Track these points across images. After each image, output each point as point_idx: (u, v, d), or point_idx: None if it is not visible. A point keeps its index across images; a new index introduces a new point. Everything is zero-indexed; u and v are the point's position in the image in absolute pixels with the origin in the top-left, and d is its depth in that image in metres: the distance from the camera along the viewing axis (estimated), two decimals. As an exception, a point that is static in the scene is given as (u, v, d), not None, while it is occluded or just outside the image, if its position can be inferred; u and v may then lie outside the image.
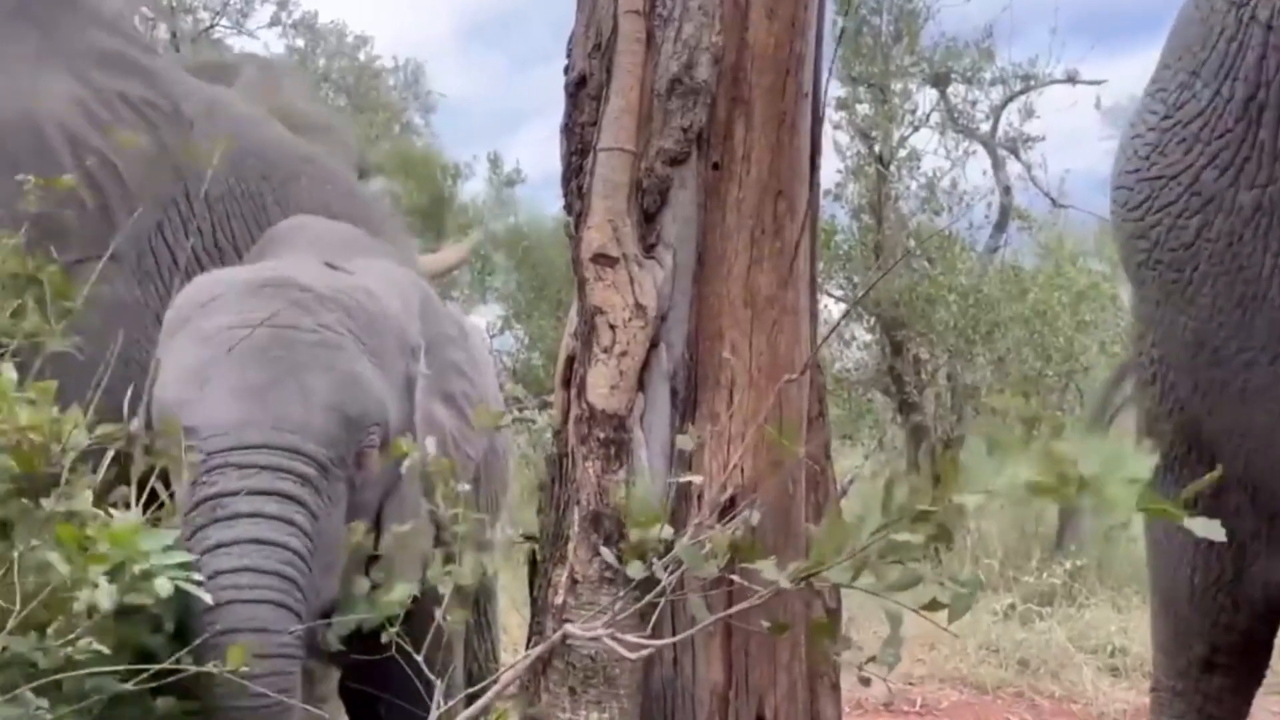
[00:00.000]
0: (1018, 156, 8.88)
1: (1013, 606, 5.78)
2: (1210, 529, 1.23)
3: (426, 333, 2.55)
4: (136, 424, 2.02)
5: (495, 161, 13.03)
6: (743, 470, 2.11)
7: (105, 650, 1.61)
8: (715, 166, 2.14)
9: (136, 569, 1.57)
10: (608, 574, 2.02)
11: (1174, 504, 1.21)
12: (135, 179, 2.89)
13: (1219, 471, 1.52)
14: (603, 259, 2.10)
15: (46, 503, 1.65)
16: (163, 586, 1.61)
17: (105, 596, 1.57)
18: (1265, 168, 2.55)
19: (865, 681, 1.57)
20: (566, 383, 2.22)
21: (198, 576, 1.75)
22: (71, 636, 1.59)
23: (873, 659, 1.56)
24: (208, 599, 1.77)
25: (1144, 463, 1.22)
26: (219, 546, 1.91)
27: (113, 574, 1.60)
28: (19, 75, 2.78)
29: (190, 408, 2.06)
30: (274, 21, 13.88)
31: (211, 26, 13.78)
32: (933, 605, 1.52)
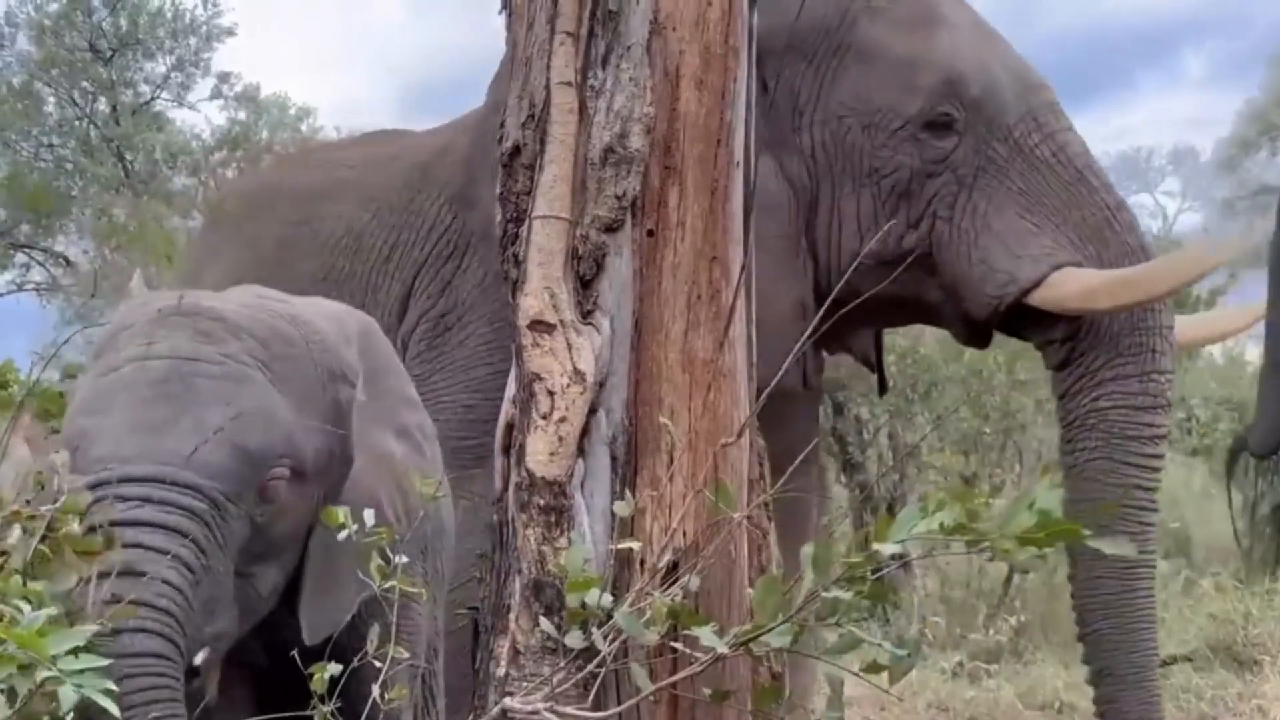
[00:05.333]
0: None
1: (961, 664, 5.78)
2: (1119, 546, 1.26)
3: (369, 362, 2.52)
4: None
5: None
6: (684, 534, 2.10)
7: None
8: (650, 233, 2.16)
9: (40, 676, 1.48)
10: (550, 644, 2.00)
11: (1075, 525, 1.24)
12: None
13: None
14: (540, 326, 2.11)
15: None
16: (67, 697, 1.50)
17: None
18: None
19: (810, 745, 1.56)
20: (506, 449, 2.21)
21: (110, 685, 1.66)
22: None
23: (816, 723, 1.56)
24: (116, 712, 1.66)
25: (1052, 496, 1.25)
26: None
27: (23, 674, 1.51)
28: None
29: (87, 440, 2.03)
30: (215, 94, 13.88)
31: (153, 99, 13.74)
32: (873, 668, 1.52)
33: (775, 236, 3.49)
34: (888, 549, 1.44)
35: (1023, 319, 3.43)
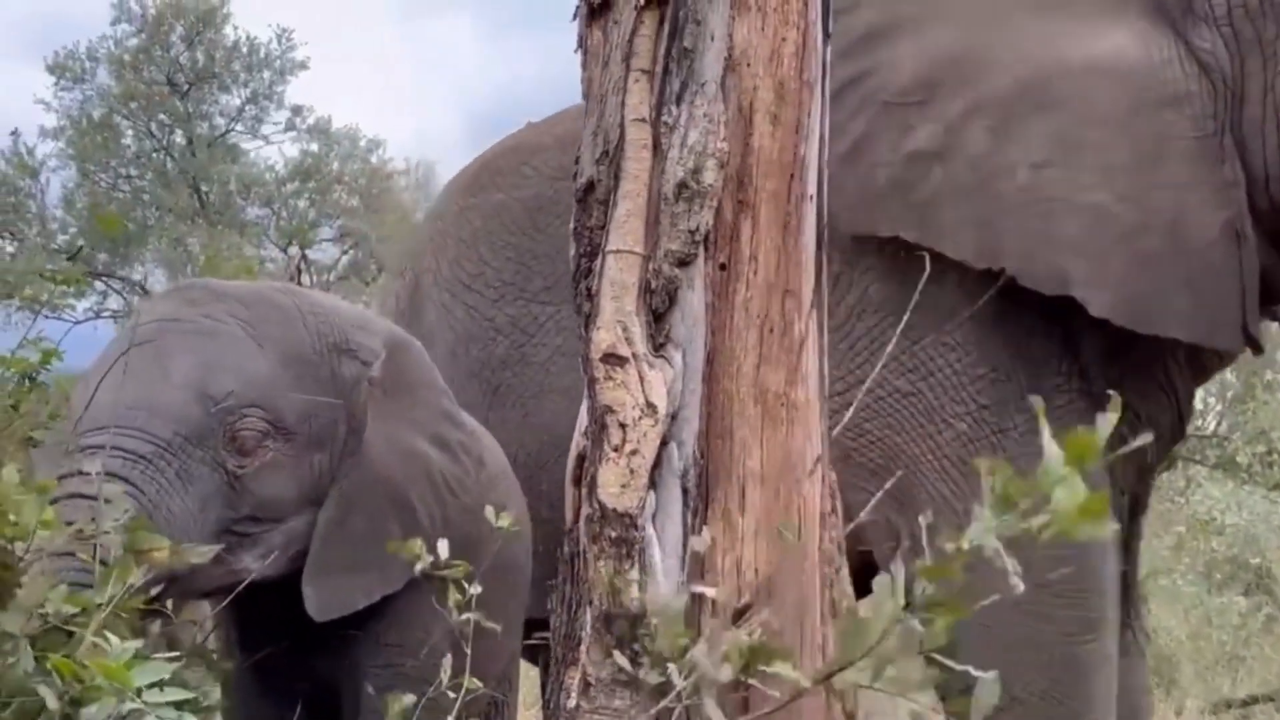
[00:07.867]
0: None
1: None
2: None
3: (407, 372, 2.56)
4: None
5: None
6: (756, 570, 2.10)
7: None
8: (722, 267, 2.17)
9: (126, 709, 1.50)
10: (621, 676, 2.00)
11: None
12: None
13: None
14: (612, 358, 2.12)
15: (8, 619, 1.57)
16: None
17: None
18: None
19: (887, 788, 1.54)
20: (577, 481, 2.22)
21: (192, 717, 1.69)
22: None
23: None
24: None
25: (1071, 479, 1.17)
26: None
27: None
28: None
29: (80, 400, 2.19)
30: (289, 127, 14.22)
31: (227, 132, 14.11)
32: (959, 704, 1.49)
33: (1186, 138, 2.65)
34: (987, 540, 1.33)
35: None
